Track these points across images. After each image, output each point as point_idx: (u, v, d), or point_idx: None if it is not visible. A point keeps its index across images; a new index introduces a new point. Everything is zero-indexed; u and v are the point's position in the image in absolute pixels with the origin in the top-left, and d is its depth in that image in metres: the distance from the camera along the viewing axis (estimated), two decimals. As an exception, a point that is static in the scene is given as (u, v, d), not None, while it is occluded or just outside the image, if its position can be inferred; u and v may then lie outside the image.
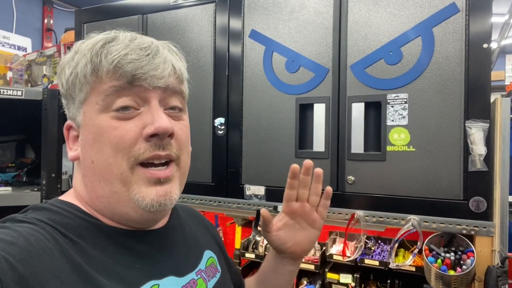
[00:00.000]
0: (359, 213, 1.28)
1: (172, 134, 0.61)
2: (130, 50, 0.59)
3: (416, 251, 1.24)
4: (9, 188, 1.85)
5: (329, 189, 0.85)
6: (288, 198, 0.84)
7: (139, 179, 0.59)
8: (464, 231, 1.16)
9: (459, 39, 1.18)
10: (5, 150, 2.17)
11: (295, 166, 0.81)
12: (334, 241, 1.65)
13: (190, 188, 1.55)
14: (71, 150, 0.64)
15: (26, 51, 2.54)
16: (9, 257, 0.47)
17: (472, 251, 1.16)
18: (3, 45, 2.49)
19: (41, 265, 0.49)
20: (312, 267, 1.59)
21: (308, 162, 0.82)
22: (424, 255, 1.20)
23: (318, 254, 1.63)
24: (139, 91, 0.59)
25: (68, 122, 0.64)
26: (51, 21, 3.53)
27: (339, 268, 1.61)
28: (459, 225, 1.17)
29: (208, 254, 0.78)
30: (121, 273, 0.57)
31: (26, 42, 2.57)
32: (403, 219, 1.23)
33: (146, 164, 0.59)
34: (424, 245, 1.22)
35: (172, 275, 0.64)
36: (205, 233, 0.85)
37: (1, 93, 1.75)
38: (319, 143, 1.36)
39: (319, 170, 0.83)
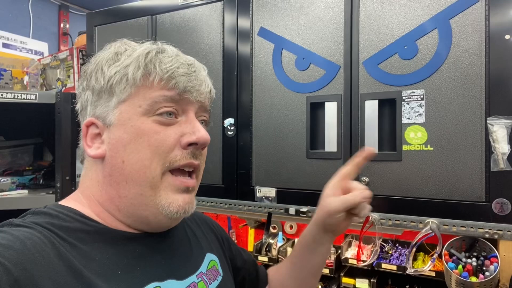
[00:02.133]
0: (374, 215, 1.22)
1: (206, 146, 0.66)
2: (181, 64, 0.63)
3: (435, 256, 1.18)
4: (26, 191, 1.88)
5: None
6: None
7: (168, 186, 0.61)
8: (487, 235, 1.09)
9: (478, 31, 1.11)
10: (23, 154, 2.21)
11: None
12: (349, 244, 1.59)
13: (200, 190, 1.51)
14: (91, 148, 0.63)
15: (43, 56, 2.58)
16: (5, 261, 0.47)
17: (496, 257, 1.09)
18: (21, 50, 2.53)
19: (37, 269, 0.49)
20: (327, 271, 1.53)
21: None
22: (444, 261, 1.13)
23: (333, 257, 1.58)
24: (184, 102, 0.63)
25: (91, 119, 0.64)
26: (67, 25, 3.60)
27: (355, 272, 1.55)
28: (482, 228, 1.09)
29: (209, 257, 0.77)
30: (121, 276, 0.57)
31: (43, 46, 2.61)
32: (421, 223, 1.16)
33: (175, 171, 0.63)
34: (444, 250, 1.15)
35: (172, 278, 0.64)
36: (207, 236, 0.84)
37: (16, 97, 1.77)
38: (331, 143, 1.31)
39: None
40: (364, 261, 1.34)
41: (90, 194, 0.64)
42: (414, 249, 1.17)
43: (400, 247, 1.51)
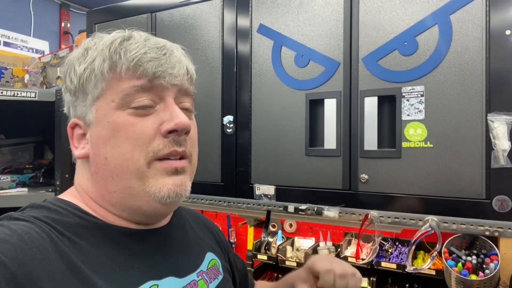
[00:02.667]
0: (373, 213, 1.21)
1: (188, 131, 0.62)
2: (148, 49, 0.60)
3: (435, 254, 1.17)
4: (26, 189, 1.88)
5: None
6: None
7: (156, 172, 0.59)
8: (487, 233, 1.08)
9: (479, 27, 1.10)
10: (23, 152, 2.21)
11: None
12: (349, 243, 1.58)
13: (199, 188, 1.52)
14: (77, 149, 0.63)
15: (44, 54, 2.59)
16: (1, 255, 0.46)
17: (496, 254, 1.08)
18: (22, 49, 2.54)
19: (34, 264, 0.48)
20: None
21: None
22: (443, 258, 1.12)
23: (332, 256, 1.57)
24: (157, 89, 0.60)
25: (74, 120, 0.63)
26: (68, 24, 3.60)
27: (355, 270, 1.54)
28: (482, 226, 1.08)
29: (210, 256, 0.76)
30: (118, 272, 0.56)
31: (43, 45, 2.62)
32: (420, 220, 1.15)
33: (162, 159, 0.60)
34: (443, 248, 1.14)
35: (172, 275, 0.63)
36: (208, 236, 0.83)
37: (16, 95, 1.77)
38: (330, 140, 1.30)
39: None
40: (363, 259, 1.33)
41: (83, 191, 0.63)
42: (413, 247, 1.16)
43: (399, 245, 1.50)
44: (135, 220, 0.63)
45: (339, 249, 1.59)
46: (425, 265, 1.19)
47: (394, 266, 1.36)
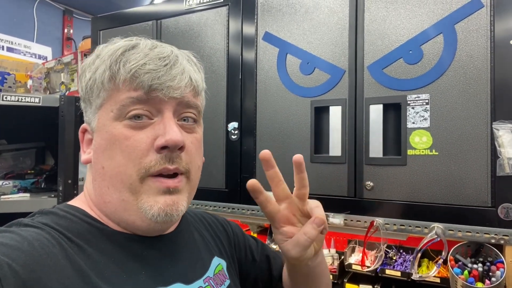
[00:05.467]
0: (379, 220, 1.21)
1: (183, 147, 0.60)
2: (149, 59, 0.58)
3: (440, 261, 1.17)
4: (27, 195, 1.87)
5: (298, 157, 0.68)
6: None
7: (149, 189, 0.58)
8: (493, 240, 1.08)
9: (483, 36, 1.11)
10: (25, 157, 2.21)
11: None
12: (353, 250, 1.58)
13: (203, 194, 1.52)
14: (85, 153, 0.64)
15: (46, 60, 2.59)
16: (12, 262, 0.46)
17: (502, 262, 1.08)
18: (25, 54, 2.55)
19: (44, 271, 0.48)
20: (330, 276, 1.52)
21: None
22: (449, 266, 1.12)
23: (336, 263, 1.57)
24: (154, 101, 0.59)
25: (84, 125, 0.65)
26: (71, 30, 3.62)
27: (358, 278, 1.54)
28: (487, 233, 1.09)
29: (216, 261, 0.76)
30: (126, 279, 0.56)
31: (46, 51, 2.63)
32: (426, 228, 1.15)
33: (156, 175, 0.59)
34: (449, 255, 1.14)
35: (179, 282, 0.63)
36: (217, 238, 0.82)
37: (20, 100, 1.78)
38: (335, 147, 1.31)
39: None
40: (368, 267, 1.33)
41: (89, 196, 0.64)
42: (419, 255, 1.16)
43: (404, 253, 1.50)
44: (133, 232, 0.62)
45: (342, 256, 1.59)
46: (431, 272, 1.19)
47: (398, 273, 1.36)
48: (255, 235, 1.81)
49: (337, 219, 1.28)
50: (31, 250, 0.49)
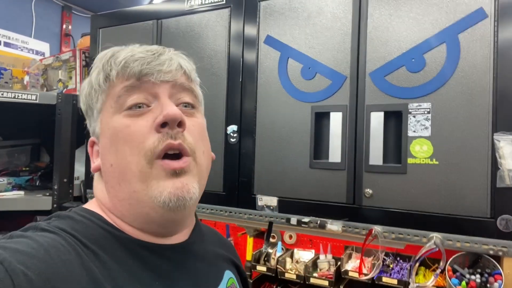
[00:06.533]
0: (377, 228, 1.21)
1: (182, 123, 0.59)
2: (138, 52, 0.61)
3: (438, 271, 1.16)
4: (22, 192, 1.85)
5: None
6: None
7: (158, 173, 0.57)
8: (491, 252, 1.08)
9: (487, 46, 1.11)
10: (20, 154, 2.18)
11: None
12: (349, 257, 1.58)
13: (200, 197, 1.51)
14: (94, 163, 0.65)
15: (44, 56, 2.57)
16: (27, 270, 0.45)
17: (500, 274, 1.08)
18: (22, 50, 2.52)
19: (59, 280, 0.48)
20: (326, 283, 1.51)
21: None
22: (447, 276, 1.12)
23: (332, 269, 1.56)
24: (148, 87, 0.60)
25: (92, 138, 0.66)
26: (70, 27, 3.58)
27: (355, 285, 1.53)
28: (486, 245, 1.08)
29: (228, 274, 0.75)
30: None
31: (44, 47, 2.60)
32: (424, 237, 1.15)
33: (162, 158, 0.58)
34: (447, 265, 1.14)
35: None
36: (226, 253, 0.82)
37: (17, 97, 1.75)
38: (335, 153, 1.30)
39: None
40: (366, 274, 1.32)
41: (101, 203, 0.64)
42: (417, 264, 1.15)
43: (401, 260, 1.50)
44: (150, 230, 0.61)
45: (339, 263, 1.59)
46: (428, 282, 1.19)
47: (395, 281, 1.36)
48: (251, 239, 1.80)
49: (335, 226, 1.28)
50: (47, 258, 0.48)
